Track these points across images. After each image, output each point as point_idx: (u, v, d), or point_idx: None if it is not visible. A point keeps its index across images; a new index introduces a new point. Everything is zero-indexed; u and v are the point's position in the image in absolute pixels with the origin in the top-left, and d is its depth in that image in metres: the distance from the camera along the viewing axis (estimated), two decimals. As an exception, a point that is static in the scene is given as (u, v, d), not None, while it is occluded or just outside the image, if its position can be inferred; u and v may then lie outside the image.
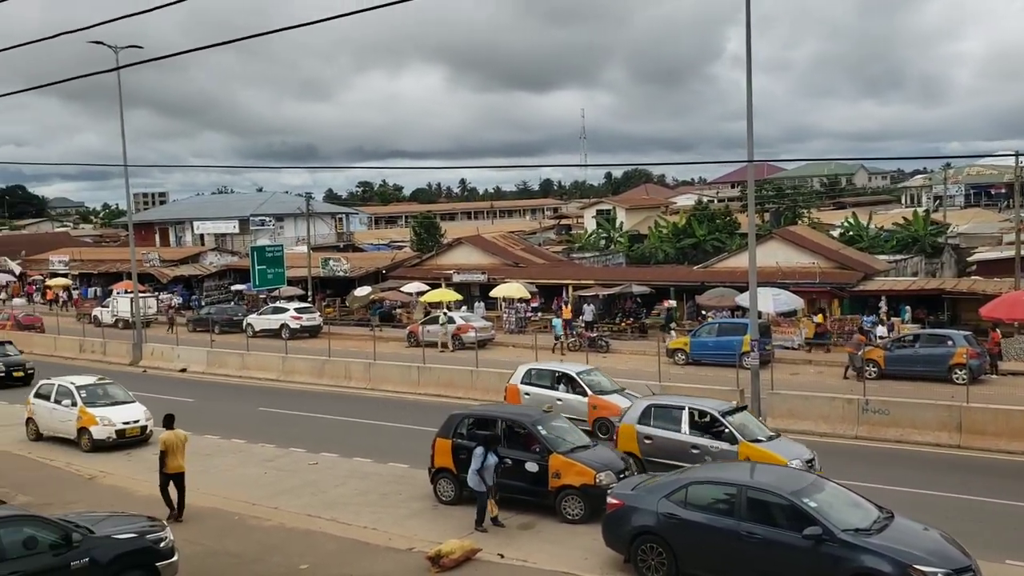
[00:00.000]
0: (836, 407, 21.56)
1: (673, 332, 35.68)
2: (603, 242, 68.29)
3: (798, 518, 11.04)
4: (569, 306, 40.55)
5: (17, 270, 70.75)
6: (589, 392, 21.56)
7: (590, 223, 78.71)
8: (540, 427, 15.54)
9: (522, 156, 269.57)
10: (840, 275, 38.06)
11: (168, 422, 16.28)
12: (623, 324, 39.55)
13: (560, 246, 71.80)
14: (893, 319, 34.42)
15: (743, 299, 31.82)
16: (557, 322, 37.44)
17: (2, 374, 30.91)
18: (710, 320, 34.60)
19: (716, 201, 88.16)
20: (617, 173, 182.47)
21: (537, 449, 15.12)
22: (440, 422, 16.80)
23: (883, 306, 35.42)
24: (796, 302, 34.69)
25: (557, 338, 36.39)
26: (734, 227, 59.49)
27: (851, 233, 54.90)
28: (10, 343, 33.52)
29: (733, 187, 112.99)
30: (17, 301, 62.14)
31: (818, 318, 34.82)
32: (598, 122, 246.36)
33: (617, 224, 71.81)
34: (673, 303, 39.30)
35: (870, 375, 26.90)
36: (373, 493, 16.96)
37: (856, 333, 30.85)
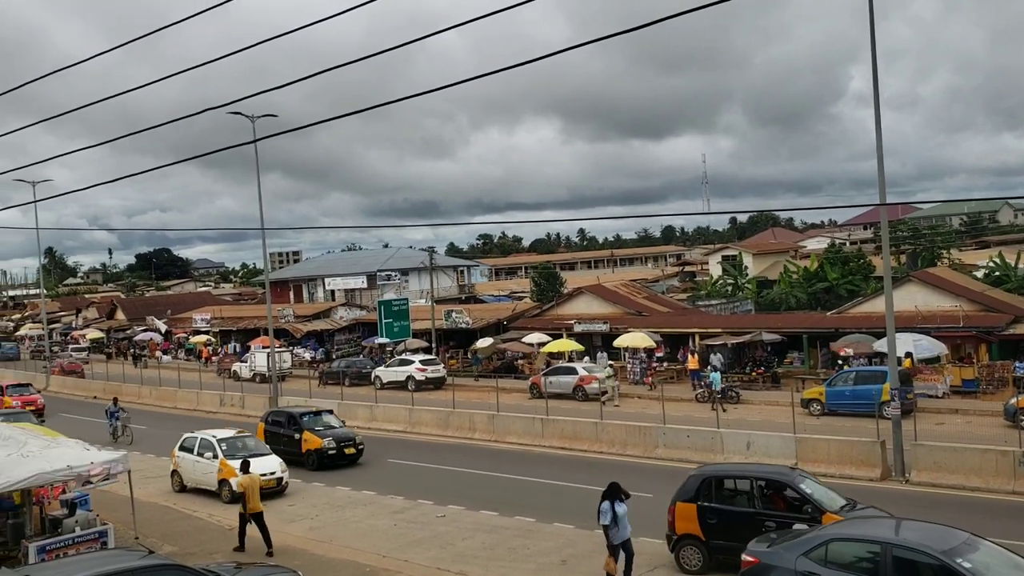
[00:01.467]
0: (989, 459, 20.10)
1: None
2: (730, 288, 66.72)
3: (952, 580, 10.28)
4: (696, 355, 39.66)
5: (163, 328, 75.07)
6: None
7: (715, 269, 77.19)
8: (802, 485, 14.46)
9: (641, 204, 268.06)
10: (986, 318, 35.84)
11: (244, 468, 18.33)
12: (754, 374, 38.38)
13: (684, 294, 70.66)
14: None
15: (881, 345, 30.38)
16: (716, 376, 34.93)
17: (332, 451, 25.61)
18: (846, 368, 33.14)
19: (848, 243, 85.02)
20: (742, 217, 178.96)
21: (808, 510, 13.92)
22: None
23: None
24: (938, 348, 32.85)
25: (712, 389, 34.12)
26: (868, 270, 57.04)
27: (997, 273, 51.78)
28: (330, 411, 28.40)
29: (866, 228, 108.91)
30: (164, 358, 65.80)
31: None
32: (719, 167, 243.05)
33: (744, 270, 70.14)
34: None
35: (1025, 425, 25.01)
36: (501, 547, 16.88)
37: None
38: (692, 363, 39.02)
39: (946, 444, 21.73)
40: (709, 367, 37.68)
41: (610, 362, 41.36)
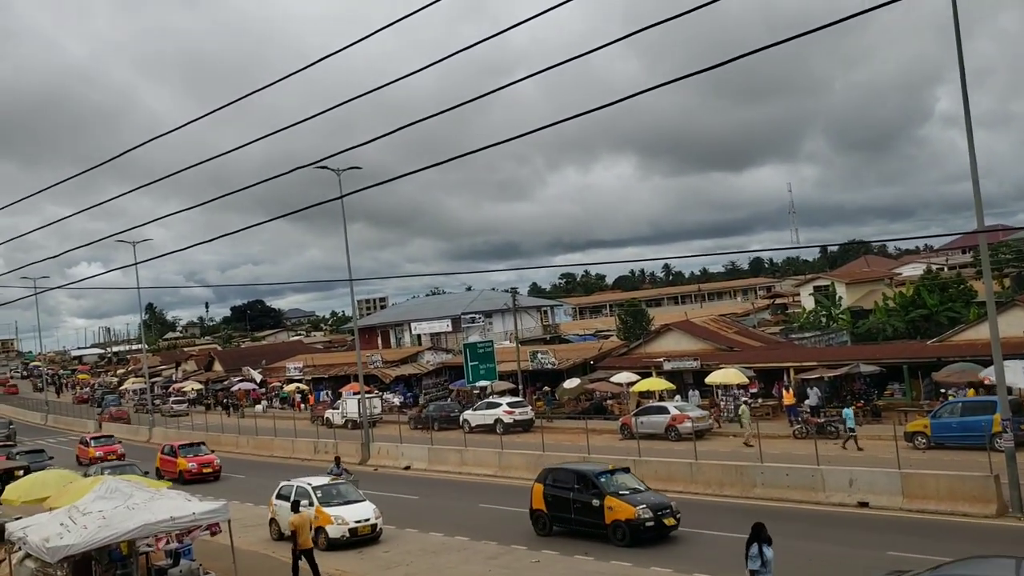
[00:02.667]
0: (1117, 494, 18.84)
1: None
2: (823, 320, 64.85)
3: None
4: (791, 390, 38.56)
5: (258, 378, 77.11)
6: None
7: (807, 301, 75.18)
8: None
9: (726, 236, 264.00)
10: (1104, 341, 33.85)
11: (295, 507, 20.00)
12: (853, 407, 37.00)
13: (776, 327, 69.00)
14: None
15: (988, 374, 28.98)
16: (848, 412, 32.47)
17: (650, 523, 19.99)
18: (951, 399, 31.69)
19: (946, 268, 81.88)
20: (833, 248, 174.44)
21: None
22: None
23: None
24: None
25: (850, 430, 31.67)
26: (970, 296, 54.69)
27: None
28: (626, 469, 22.83)
29: (964, 252, 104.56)
30: (258, 407, 67.49)
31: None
32: (805, 195, 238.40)
33: (837, 300, 68.12)
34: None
35: None
36: (597, 593, 16.55)
37: None
38: (788, 399, 37.94)
39: (1067, 477, 20.45)
40: (806, 402, 36.60)
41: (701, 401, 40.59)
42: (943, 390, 34.15)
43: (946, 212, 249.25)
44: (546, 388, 47.83)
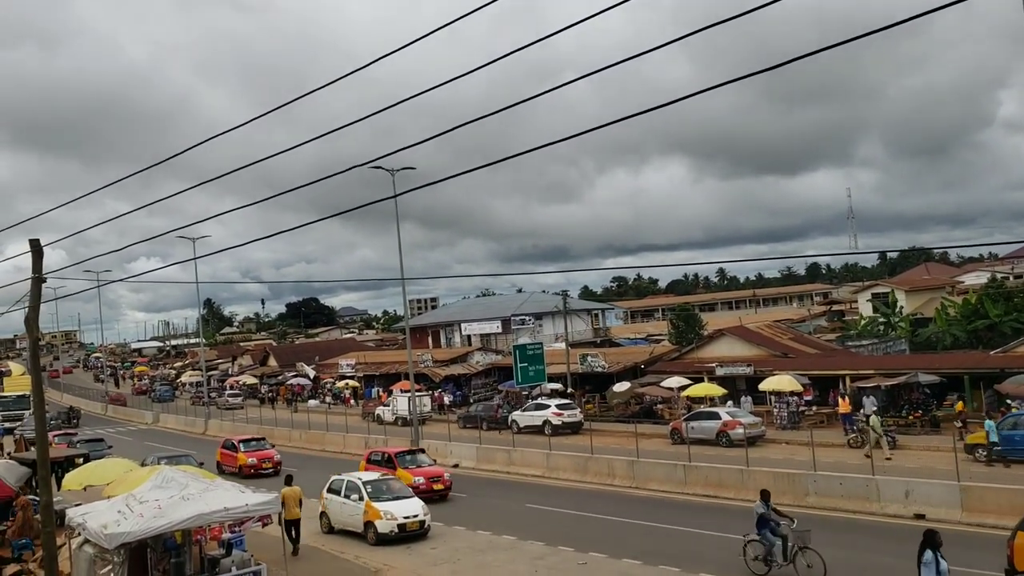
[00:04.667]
0: None
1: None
2: (882, 328, 63.49)
3: None
4: (847, 399, 37.80)
5: (312, 374, 78.21)
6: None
7: (865, 308, 73.75)
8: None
9: (781, 241, 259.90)
10: None
11: (288, 481, 22.27)
12: (911, 417, 36.18)
13: (833, 334, 67.73)
14: None
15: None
16: (990, 424, 29.21)
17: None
18: (1015, 411, 30.75)
19: (1012, 277, 79.56)
20: (893, 253, 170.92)
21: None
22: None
23: None
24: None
25: (993, 445, 28.45)
26: (1036, 306, 53.11)
27: None
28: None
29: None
30: (311, 402, 68.41)
31: None
32: (862, 201, 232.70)
33: (897, 308, 66.67)
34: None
35: None
36: (644, 597, 16.41)
37: None
38: (843, 407, 37.19)
39: None
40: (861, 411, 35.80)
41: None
42: (1008, 402, 33.15)
43: (1010, 219, 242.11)
44: (585, 390, 47.53)
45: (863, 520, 21.81)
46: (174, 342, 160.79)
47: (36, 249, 15.75)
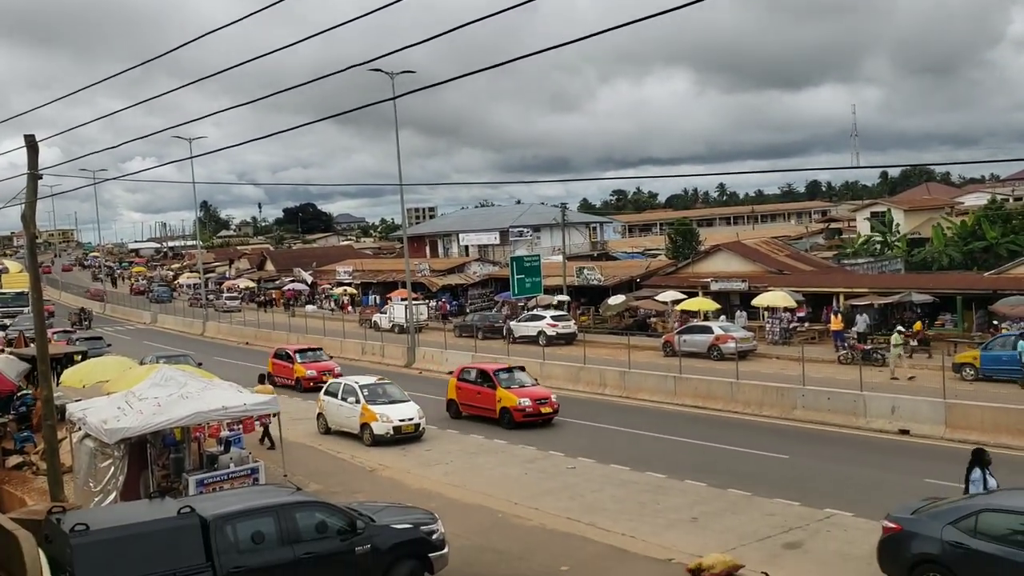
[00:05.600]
0: None
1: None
2: (878, 247, 63.52)
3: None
4: (839, 316, 38.12)
5: (309, 280, 78.47)
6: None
7: (863, 226, 73.57)
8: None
9: (783, 157, 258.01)
10: None
11: (261, 380, 24.15)
12: (903, 336, 36.51)
13: (829, 252, 67.74)
14: None
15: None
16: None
17: None
18: (1005, 332, 31.09)
19: (1012, 200, 79.22)
20: (894, 172, 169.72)
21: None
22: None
23: None
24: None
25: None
26: (1034, 228, 53.06)
27: None
28: None
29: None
30: (308, 308, 68.84)
31: None
32: (866, 118, 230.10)
33: (894, 227, 66.57)
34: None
35: None
36: (630, 501, 16.92)
37: None
38: (835, 324, 37.53)
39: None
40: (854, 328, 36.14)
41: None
42: (996, 323, 33.49)
43: (1015, 140, 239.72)
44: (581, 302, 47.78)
45: (849, 434, 22.30)
46: (171, 244, 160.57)
47: (32, 145, 15.61)
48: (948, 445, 20.60)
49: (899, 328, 32.31)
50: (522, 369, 26.95)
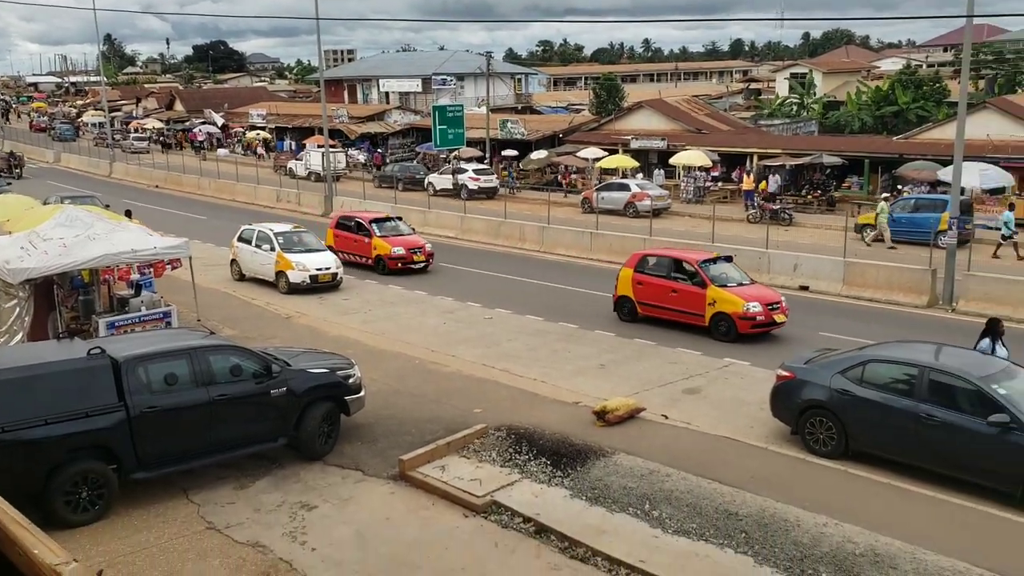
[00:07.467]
0: (1041, 294, 19.94)
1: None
2: (795, 108, 64.32)
3: (984, 404, 10.52)
4: (752, 176, 38.94)
5: (220, 122, 75.52)
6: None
7: (782, 88, 74.14)
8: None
9: (709, 13, 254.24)
10: (1062, 151, 34.34)
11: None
12: (810, 197, 37.70)
13: (748, 112, 68.37)
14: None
15: (945, 173, 29.51)
16: (1008, 215, 27.54)
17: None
18: (906, 195, 32.36)
19: (925, 66, 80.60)
20: (816, 34, 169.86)
21: None
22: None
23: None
24: (1006, 179, 31.83)
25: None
26: (943, 95, 54.32)
27: (1080, 104, 48.84)
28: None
29: (946, 51, 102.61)
30: (220, 151, 66.61)
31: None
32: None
33: (812, 89, 67.24)
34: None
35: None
36: (543, 349, 17.50)
37: None
38: (747, 184, 38.38)
39: (998, 275, 21.49)
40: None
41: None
42: (900, 187, 34.77)
43: (933, 6, 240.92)
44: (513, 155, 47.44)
45: (752, 289, 23.22)
46: (73, 79, 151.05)
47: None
48: (844, 301, 21.80)
49: (884, 195, 32.32)
50: (400, 219, 27.64)
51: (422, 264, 25.75)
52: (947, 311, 20.65)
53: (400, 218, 27.81)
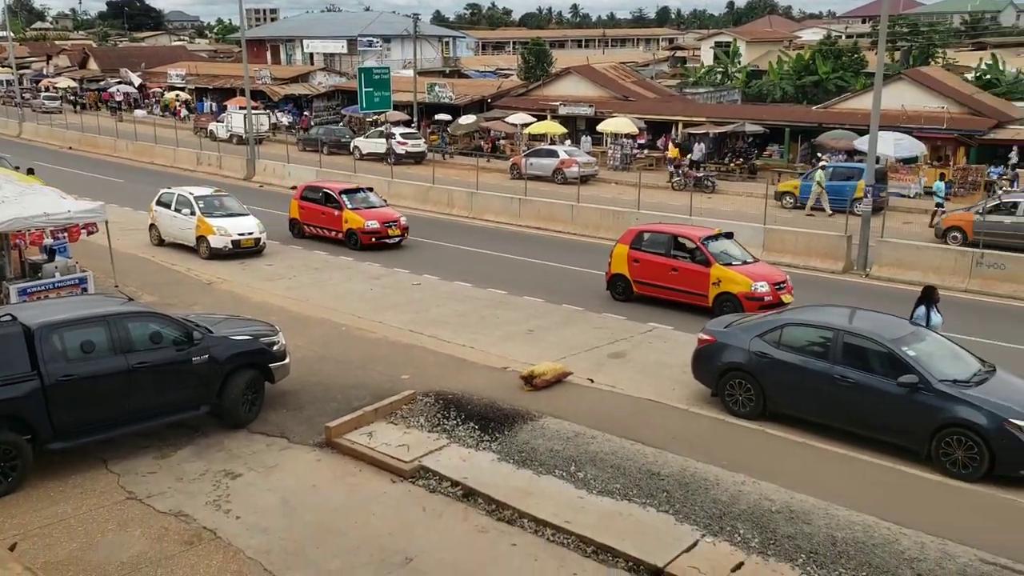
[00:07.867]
0: (948, 258, 20.82)
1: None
2: (719, 77, 65.21)
3: (895, 365, 10.94)
4: (676, 144, 39.45)
5: (137, 82, 72.85)
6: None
7: (707, 56, 75.06)
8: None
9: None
10: (970, 122, 35.68)
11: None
12: (732, 164, 38.40)
13: (673, 80, 69.02)
14: (1020, 171, 32.33)
15: (862, 143, 30.38)
16: (940, 185, 28.65)
17: None
18: (824, 163, 33.24)
19: (844, 37, 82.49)
20: (740, 3, 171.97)
21: None
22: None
23: (1013, 157, 33.18)
24: (918, 148, 32.93)
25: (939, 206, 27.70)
26: (860, 65, 55.76)
27: (987, 77, 50.77)
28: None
29: (864, 22, 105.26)
30: (138, 112, 64.36)
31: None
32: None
33: (736, 58, 68.20)
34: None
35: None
36: (472, 315, 17.54)
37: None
38: (672, 152, 38.89)
39: (910, 242, 22.33)
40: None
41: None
42: (819, 155, 35.68)
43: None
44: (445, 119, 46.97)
45: (676, 255, 23.62)
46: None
47: None
48: (764, 267, 22.33)
49: (823, 164, 32.20)
50: (370, 190, 25.82)
51: (397, 239, 24.11)
52: (861, 276, 21.39)
53: (371, 189, 25.97)
